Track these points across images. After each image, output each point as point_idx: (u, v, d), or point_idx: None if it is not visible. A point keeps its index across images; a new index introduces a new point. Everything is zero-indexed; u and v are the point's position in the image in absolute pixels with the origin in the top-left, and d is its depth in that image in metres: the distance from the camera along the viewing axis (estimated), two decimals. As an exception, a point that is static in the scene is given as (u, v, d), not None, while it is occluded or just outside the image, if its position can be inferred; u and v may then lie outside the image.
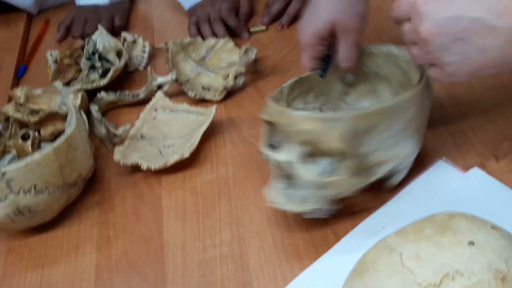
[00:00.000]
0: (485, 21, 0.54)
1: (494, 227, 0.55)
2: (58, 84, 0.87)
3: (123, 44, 1.04)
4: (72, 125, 0.78)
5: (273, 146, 0.67)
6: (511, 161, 0.71)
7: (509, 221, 0.62)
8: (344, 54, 0.74)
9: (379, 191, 0.71)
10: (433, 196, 0.69)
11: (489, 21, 0.54)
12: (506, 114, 0.76)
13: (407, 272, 0.52)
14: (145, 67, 1.04)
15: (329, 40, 0.74)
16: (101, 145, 0.91)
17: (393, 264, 0.54)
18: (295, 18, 1.04)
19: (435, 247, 0.53)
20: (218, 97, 0.93)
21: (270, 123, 0.67)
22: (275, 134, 0.67)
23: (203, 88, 0.95)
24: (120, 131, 0.85)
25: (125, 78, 1.04)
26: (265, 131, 0.68)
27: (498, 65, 0.56)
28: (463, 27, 0.55)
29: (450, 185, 0.69)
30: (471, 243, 0.52)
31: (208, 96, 0.93)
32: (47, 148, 0.73)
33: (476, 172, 0.70)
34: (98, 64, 0.99)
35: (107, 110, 0.98)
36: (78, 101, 0.92)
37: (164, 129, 0.89)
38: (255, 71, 0.97)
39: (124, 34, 1.07)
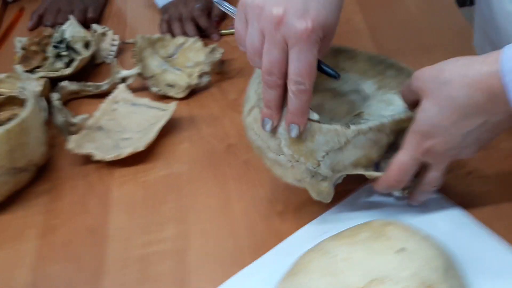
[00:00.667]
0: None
1: (426, 237, 0.55)
2: (19, 68, 0.86)
3: (92, 36, 1.03)
4: (27, 109, 0.77)
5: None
6: (456, 176, 0.71)
7: (444, 233, 0.63)
8: None
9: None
10: (376, 205, 0.69)
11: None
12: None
13: (337, 274, 0.52)
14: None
15: None
16: (58, 134, 0.89)
17: (325, 265, 0.54)
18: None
19: (367, 251, 0.53)
20: (181, 95, 0.92)
21: None
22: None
23: (167, 85, 0.95)
24: (76, 120, 0.84)
25: (91, 69, 1.04)
26: None
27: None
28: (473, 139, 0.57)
29: (393, 194, 0.69)
30: (402, 249, 0.52)
31: (171, 93, 0.93)
32: (-1, 130, 0.73)
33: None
34: (64, 52, 0.98)
35: (70, 99, 0.97)
36: (39, 88, 0.91)
37: (123, 122, 0.88)
38: (221, 72, 0.97)
39: (94, 26, 1.07)
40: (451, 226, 0.65)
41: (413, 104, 0.60)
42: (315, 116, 0.59)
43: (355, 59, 0.72)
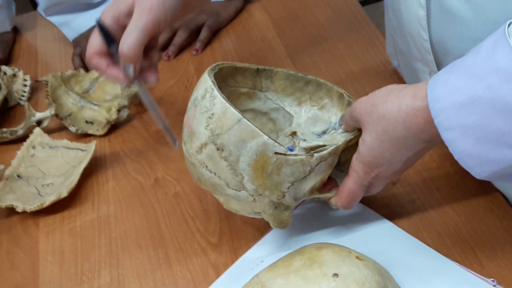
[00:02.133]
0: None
1: (359, 257, 0.56)
2: None
3: (2, 78, 0.99)
4: None
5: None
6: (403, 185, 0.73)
7: (378, 248, 0.65)
8: (127, 33, 0.68)
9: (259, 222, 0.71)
10: (309, 226, 0.69)
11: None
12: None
13: (274, 309, 0.52)
14: (28, 102, 1.00)
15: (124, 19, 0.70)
16: (-23, 187, 0.86)
17: (262, 300, 0.53)
18: (181, 49, 1.04)
19: (302, 280, 0.54)
20: (101, 131, 0.90)
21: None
22: None
23: (86, 122, 0.92)
24: (-7, 172, 0.81)
25: (5, 113, 1.00)
26: None
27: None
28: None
29: (326, 215, 0.71)
30: (336, 275, 0.53)
31: (91, 130, 0.90)
32: None
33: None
34: (-27, 100, 0.94)
35: (-15, 148, 0.93)
36: (-50, 141, 0.87)
37: (43, 167, 0.85)
38: (140, 103, 0.95)
39: (3, 67, 1.03)
40: (383, 240, 0.66)
41: (354, 128, 0.63)
42: (281, 148, 0.58)
43: (274, 77, 0.73)
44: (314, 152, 0.59)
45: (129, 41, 0.68)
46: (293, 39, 1.01)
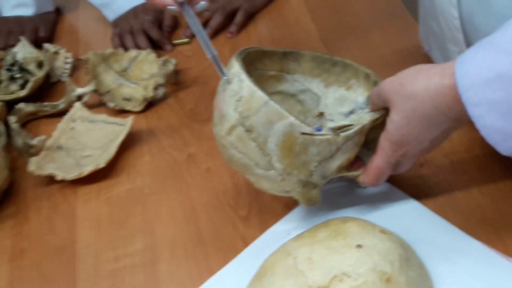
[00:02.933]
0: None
1: (383, 231, 0.58)
2: (-28, 95, 0.86)
3: (44, 55, 1.03)
4: (-16, 136, 0.77)
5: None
6: (409, 169, 0.73)
7: (403, 225, 0.66)
8: None
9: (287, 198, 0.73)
10: (336, 202, 0.71)
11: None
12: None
13: (299, 275, 0.54)
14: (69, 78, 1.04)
15: None
16: (19, 157, 0.90)
17: (287, 267, 0.56)
18: (217, 32, 1.06)
19: (326, 250, 0.55)
20: (138, 108, 0.94)
21: None
22: None
23: (124, 99, 0.96)
24: (35, 141, 0.85)
25: (47, 89, 1.04)
26: None
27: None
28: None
29: (353, 192, 0.72)
30: (359, 246, 0.55)
31: (128, 106, 0.94)
32: (-45, 159, 0.73)
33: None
34: (17, 75, 0.98)
35: (28, 121, 0.97)
36: (-5, 112, 0.91)
37: (82, 139, 0.89)
38: (176, 83, 0.98)
39: (46, 45, 1.07)
40: (408, 218, 0.68)
41: (381, 108, 0.64)
42: (307, 129, 0.59)
43: (300, 60, 0.74)
44: (340, 132, 0.61)
45: None
46: (327, 24, 1.03)
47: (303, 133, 0.59)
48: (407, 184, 0.73)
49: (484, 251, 0.63)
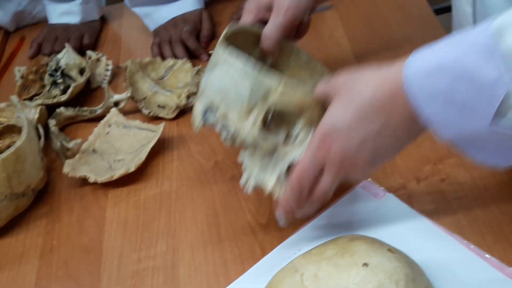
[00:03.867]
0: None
1: (391, 249, 0.58)
2: (14, 98, 0.91)
3: (87, 62, 1.08)
4: (22, 138, 0.81)
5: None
6: (430, 184, 0.74)
7: (413, 244, 0.66)
8: (267, 30, 0.75)
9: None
10: (348, 221, 0.72)
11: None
12: (431, 139, 0.79)
13: (305, 292, 0.55)
14: (108, 85, 1.08)
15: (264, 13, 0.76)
16: (57, 158, 0.94)
17: (294, 284, 0.57)
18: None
19: (333, 267, 0.56)
20: (171, 115, 0.97)
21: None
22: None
23: (158, 106, 0.99)
24: (71, 144, 0.89)
25: (88, 94, 1.08)
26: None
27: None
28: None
29: (365, 210, 0.73)
30: (365, 264, 0.56)
31: (162, 114, 0.97)
32: (-5, 159, 0.77)
33: (389, 198, 0.73)
34: (59, 80, 1.03)
35: (67, 124, 1.02)
36: (36, 115, 0.96)
37: (116, 144, 0.93)
38: (209, 91, 1.01)
39: (89, 52, 1.12)
40: (419, 237, 0.68)
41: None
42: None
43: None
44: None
45: (268, 37, 0.74)
46: (360, 37, 1.04)
47: None
48: (427, 200, 0.73)
49: (493, 273, 0.63)
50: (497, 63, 0.44)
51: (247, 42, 0.74)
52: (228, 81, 0.62)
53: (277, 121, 0.64)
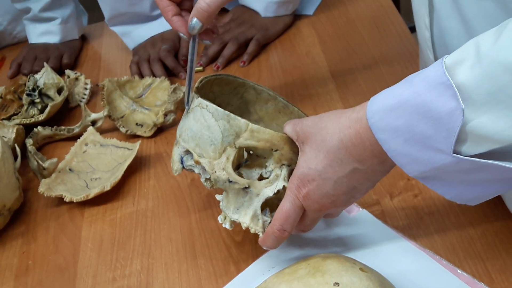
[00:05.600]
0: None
1: (362, 268, 0.58)
2: (-11, 118, 0.91)
3: (65, 81, 1.08)
4: (-4, 157, 0.81)
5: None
6: (404, 199, 0.75)
7: (386, 260, 0.67)
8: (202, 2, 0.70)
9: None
10: (322, 237, 0.72)
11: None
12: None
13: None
14: (87, 103, 1.08)
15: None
16: (34, 178, 0.94)
17: (266, 303, 0.57)
18: (229, 60, 1.10)
19: (304, 287, 0.56)
20: (148, 133, 0.97)
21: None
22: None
23: (136, 124, 0.99)
24: (47, 164, 0.89)
25: (67, 113, 1.08)
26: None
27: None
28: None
29: (339, 226, 0.73)
30: (336, 284, 0.56)
31: (140, 132, 0.97)
32: (-33, 179, 0.77)
33: (363, 214, 0.74)
34: (37, 99, 1.03)
35: (45, 143, 1.02)
36: (13, 135, 0.96)
37: (93, 162, 0.93)
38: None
39: (67, 71, 1.12)
40: (393, 255, 0.68)
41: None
42: None
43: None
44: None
45: (205, 9, 0.69)
46: (336, 55, 1.05)
47: None
48: (400, 215, 0.74)
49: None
50: (451, 95, 0.46)
51: (223, 91, 0.75)
52: (201, 126, 0.64)
53: (249, 160, 0.67)
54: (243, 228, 0.65)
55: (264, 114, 0.77)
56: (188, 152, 0.66)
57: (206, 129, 0.63)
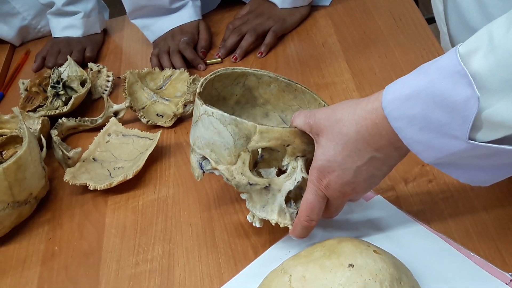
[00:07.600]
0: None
1: (377, 250, 0.60)
2: (16, 109, 0.94)
3: (88, 74, 1.11)
4: (22, 148, 0.84)
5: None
6: (418, 185, 0.76)
7: (400, 244, 0.68)
8: None
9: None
10: (337, 222, 0.74)
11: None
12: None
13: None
14: (109, 95, 1.11)
15: None
16: (59, 167, 0.97)
17: (283, 285, 0.59)
18: (247, 52, 1.11)
19: (319, 269, 0.58)
20: (168, 123, 0.99)
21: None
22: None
23: (157, 114, 1.02)
24: (71, 153, 0.92)
25: (90, 104, 1.11)
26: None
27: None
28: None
29: (355, 211, 0.75)
30: (351, 265, 0.58)
31: (160, 122, 1.00)
32: (-4, 168, 0.80)
33: (378, 199, 0.75)
34: (61, 91, 1.06)
35: (69, 134, 1.05)
36: (39, 126, 0.99)
37: (116, 152, 0.95)
38: (206, 100, 1.03)
39: (90, 64, 1.15)
40: (407, 239, 0.69)
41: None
42: None
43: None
44: None
45: None
46: (353, 44, 1.06)
47: None
48: (415, 200, 0.75)
49: (479, 271, 0.64)
50: (466, 83, 0.47)
51: (225, 84, 0.77)
52: (212, 133, 0.66)
53: (265, 159, 0.70)
54: (273, 224, 0.68)
55: (269, 96, 0.79)
56: (205, 157, 0.69)
57: (217, 135, 0.66)
